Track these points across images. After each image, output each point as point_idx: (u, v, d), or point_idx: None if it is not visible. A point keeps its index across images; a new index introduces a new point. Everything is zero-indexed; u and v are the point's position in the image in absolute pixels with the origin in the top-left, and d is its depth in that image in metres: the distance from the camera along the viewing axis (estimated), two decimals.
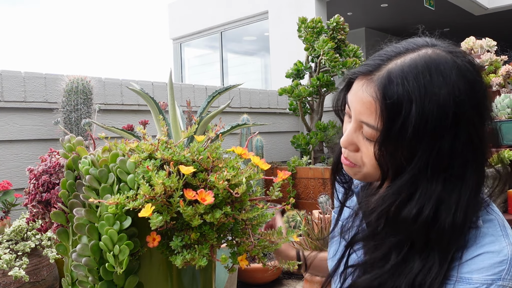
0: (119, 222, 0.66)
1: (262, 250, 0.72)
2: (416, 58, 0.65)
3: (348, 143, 0.72)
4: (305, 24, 3.12)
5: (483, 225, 0.68)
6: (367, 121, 0.67)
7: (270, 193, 0.71)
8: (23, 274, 1.34)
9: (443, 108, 0.62)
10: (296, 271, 1.56)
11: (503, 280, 0.64)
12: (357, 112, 0.69)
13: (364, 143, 0.70)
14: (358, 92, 0.68)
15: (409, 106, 0.62)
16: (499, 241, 0.66)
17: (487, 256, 0.65)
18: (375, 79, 0.66)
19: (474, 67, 0.67)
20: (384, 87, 0.64)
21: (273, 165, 3.13)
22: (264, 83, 7.82)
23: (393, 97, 0.63)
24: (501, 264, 0.64)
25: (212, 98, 1.10)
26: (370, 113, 0.66)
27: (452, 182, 0.65)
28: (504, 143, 2.35)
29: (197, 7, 8.02)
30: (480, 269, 0.64)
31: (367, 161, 0.71)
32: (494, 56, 2.71)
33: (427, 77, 0.63)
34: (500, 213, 0.72)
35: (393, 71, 0.65)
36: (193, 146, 0.70)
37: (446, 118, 0.62)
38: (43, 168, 0.79)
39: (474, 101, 0.65)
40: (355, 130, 0.71)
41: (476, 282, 0.64)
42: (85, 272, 0.67)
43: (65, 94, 2.03)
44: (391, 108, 0.63)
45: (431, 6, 6.08)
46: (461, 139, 0.64)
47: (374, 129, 0.66)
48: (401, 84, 0.63)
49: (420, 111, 0.62)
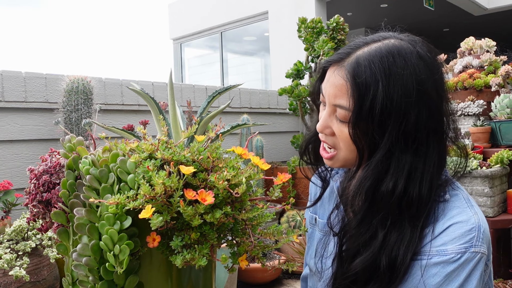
0: (120, 222, 0.66)
1: (262, 250, 0.72)
2: (381, 45, 0.74)
3: (324, 127, 0.78)
4: (305, 24, 3.12)
5: (450, 199, 0.74)
6: (339, 103, 0.74)
7: (270, 194, 0.71)
8: (23, 274, 1.34)
9: (406, 86, 0.70)
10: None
11: (475, 247, 0.68)
12: (330, 96, 0.76)
13: (339, 126, 0.76)
14: (331, 77, 0.76)
15: (376, 85, 0.70)
16: (466, 211, 0.72)
17: (456, 226, 0.70)
18: (345, 64, 0.74)
19: (431, 53, 0.76)
20: (353, 70, 0.72)
21: (273, 165, 3.13)
22: (264, 83, 7.82)
23: (362, 77, 0.71)
24: (471, 232, 0.69)
25: (212, 98, 1.10)
26: (342, 95, 0.73)
27: (419, 154, 0.72)
28: (503, 143, 2.35)
29: (197, 7, 8.02)
30: (452, 240, 0.69)
31: (342, 145, 0.76)
32: (494, 56, 2.71)
33: (390, 60, 0.71)
34: (464, 189, 0.78)
35: (361, 56, 0.73)
36: (193, 146, 0.70)
37: (410, 95, 0.70)
38: (43, 168, 0.79)
39: (432, 80, 0.73)
40: (329, 114, 0.77)
41: (451, 252, 0.68)
42: (85, 271, 0.67)
43: (65, 94, 2.03)
44: (360, 88, 0.71)
45: (431, 6, 6.08)
46: (423, 114, 0.71)
47: (346, 109, 0.73)
48: (368, 66, 0.71)
49: (386, 89, 0.69)
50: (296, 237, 0.75)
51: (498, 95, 2.47)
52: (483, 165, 2.13)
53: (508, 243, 2.25)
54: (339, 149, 0.78)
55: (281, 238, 0.73)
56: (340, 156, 0.79)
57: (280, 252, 2.48)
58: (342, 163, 0.80)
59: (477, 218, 0.71)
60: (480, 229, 0.70)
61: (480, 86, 2.56)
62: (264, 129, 3.33)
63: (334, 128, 0.77)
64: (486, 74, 2.64)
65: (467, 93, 2.59)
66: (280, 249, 2.51)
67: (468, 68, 2.77)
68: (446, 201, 0.74)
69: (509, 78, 2.48)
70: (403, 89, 0.70)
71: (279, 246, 0.74)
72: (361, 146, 0.74)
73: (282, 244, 0.75)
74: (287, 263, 0.75)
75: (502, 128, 2.33)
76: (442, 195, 0.74)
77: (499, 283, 1.95)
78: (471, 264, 0.68)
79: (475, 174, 2.07)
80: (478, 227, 0.70)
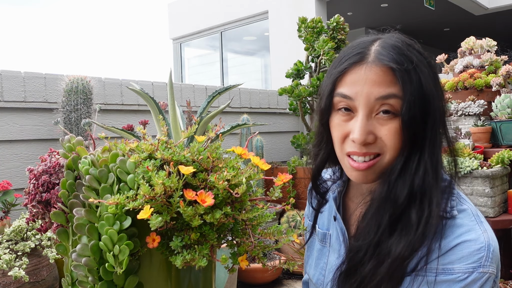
0: (119, 222, 0.65)
1: (262, 250, 0.71)
2: (388, 36, 0.75)
3: (367, 133, 0.71)
4: (305, 24, 3.12)
5: (457, 215, 0.71)
6: (390, 92, 0.69)
7: (270, 194, 0.71)
8: (23, 274, 1.34)
9: (431, 68, 0.72)
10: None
11: (484, 267, 0.66)
12: (371, 92, 0.70)
13: (383, 123, 0.71)
14: (364, 74, 0.71)
15: (413, 70, 0.69)
16: (475, 229, 0.69)
17: (465, 245, 0.67)
18: (370, 60, 0.71)
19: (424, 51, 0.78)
20: (391, 61, 0.69)
21: (273, 165, 3.12)
22: (264, 83, 7.82)
23: (401, 67, 0.69)
24: (480, 252, 0.67)
25: (212, 98, 1.10)
26: (389, 84, 0.70)
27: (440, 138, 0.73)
28: (504, 143, 2.35)
29: (197, 7, 8.02)
30: (460, 259, 0.67)
31: (389, 145, 0.71)
32: (494, 56, 2.71)
33: (408, 46, 0.72)
34: (471, 203, 0.75)
35: (383, 47, 0.72)
36: (193, 146, 0.69)
37: (433, 76, 0.72)
38: (43, 168, 0.79)
39: (434, 71, 0.75)
40: (367, 117, 0.71)
41: (458, 271, 0.66)
42: (85, 272, 0.67)
43: (65, 94, 2.03)
44: (405, 73, 0.69)
45: (431, 6, 6.07)
46: (442, 99, 0.73)
47: (398, 97, 0.69)
48: (401, 55, 0.70)
49: (422, 71, 0.70)
50: (296, 237, 0.75)
51: (498, 95, 2.47)
52: (483, 165, 2.12)
53: (508, 243, 2.25)
54: (385, 153, 0.72)
55: (281, 238, 0.72)
56: (385, 160, 0.72)
57: (280, 252, 2.48)
58: (382, 169, 0.73)
59: (487, 236, 0.68)
60: (490, 248, 0.67)
61: (481, 86, 2.56)
62: (264, 129, 3.32)
63: (377, 130, 0.71)
64: (487, 74, 2.64)
65: (467, 93, 2.59)
66: (280, 249, 2.51)
67: (469, 68, 2.76)
68: (453, 217, 0.71)
69: (509, 78, 2.47)
70: (429, 71, 0.71)
71: (279, 246, 0.73)
72: (410, 137, 0.70)
73: (282, 244, 0.74)
74: (287, 263, 0.75)
75: (502, 128, 2.32)
76: (449, 211, 0.71)
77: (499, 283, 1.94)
78: (478, 284, 0.66)
79: (476, 174, 2.07)
80: (488, 246, 0.67)
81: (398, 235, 0.69)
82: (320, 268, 0.87)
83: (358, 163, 0.73)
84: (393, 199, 0.70)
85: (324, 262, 0.87)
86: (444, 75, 2.99)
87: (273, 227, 0.72)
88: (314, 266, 0.90)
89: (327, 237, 0.88)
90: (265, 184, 2.56)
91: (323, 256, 0.88)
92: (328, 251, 0.87)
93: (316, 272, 0.88)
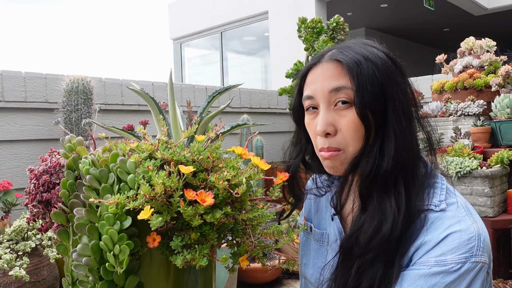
0: (120, 222, 0.66)
1: (262, 250, 0.72)
2: (347, 41, 0.83)
3: (327, 124, 0.76)
4: (305, 24, 3.12)
5: (447, 208, 0.72)
6: (339, 84, 0.75)
7: (270, 194, 0.71)
8: (23, 274, 1.34)
9: (384, 60, 0.76)
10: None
11: (475, 257, 0.67)
12: (325, 87, 0.77)
13: (342, 114, 0.76)
14: (318, 73, 0.78)
15: (364, 61, 0.75)
16: (464, 220, 0.70)
17: (455, 235, 0.68)
18: (324, 60, 0.79)
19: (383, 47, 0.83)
20: (339, 55, 0.77)
21: (273, 165, 3.13)
22: (264, 83, 7.82)
23: (348, 59, 0.75)
24: (470, 241, 0.68)
25: (212, 98, 1.10)
26: (338, 77, 0.76)
27: (411, 120, 0.77)
28: (503, 143, 2.35)
29: (197, 7, 8.02)
30: (451, 250, 0.67)
31: (349, 135, 0.75)
32: (494, 56, 2.71)
33: (363, 44, 0.79)
34: (461, 196, 0.77)
35: (336, 48, 0.80)
36: (193, 146, 0.70)
37: (390, 65, 0.76)
38: (43, 168, 0.79)
39: (395, 63, 0.79)
40: (327, 109, 0.77)
41: (451, 262, 0.67)
42: (85, 271, 0.67)
43: (65, 94, 2.03)
44: (352, 66, 0.74)
45: (431, 6, 6.08)
46: (400, 86, 0.76)
47: (348, 88, 0.75)
48: (350, 50, 0.77)
49: (373, 62, 0.75)
50: (296, 237, 0.75)
51: (498, 95, 2.47)
52: (483, 165, 2.13)
53: (508, 243, 2.25)
54: (347, 145, 0.76)
55: (281, 238, 0.73)
56: (349, 152, 0.76)
57: (280, 252, 2.48)
58: (349, 160, 0.77)
59: (477, 226, 0.69)
60: (480, 238, 0.68)
61: (480, 86, 2.56)
62: (264, 129, 3.33)
63: (337, 120, 0.76)
64: (486, 74, 2.64)
65: (467, 93, 2.59)
66: (280, 249, 2.51)
67: (468, 68, 2.76)
68: (443, 210, 0.72)
69: (509, 78, 2.48)
70: (386, 63, 0.76)
71: (280, 246, 0.74)
72: (369, 124, 0.74)
73: (282, 244, 0.74)
74: (287, 263, 0.75)
75: (502, 128, 2.33)
76: (437, 204, 0.72)
77: (499, 283, 1.94)
78: (472, 274, 0.66)
79: (475, 174, 2.07)
80: (478, 236, 0.68)
81: (370, 216, 0.73)
82: (318, 267, 0.87)
83: (327, 151, 0.79)
84: (366, 186, 0.74)
85: (321, 262, 0.87)
86: (444, 75, 3.00)
87: (273, 227, 0.73)
88: (312, 266, 0.90)
89: (325, 237, 0.89)
90: (265, 184, 2.56)
91: (320, 255, 0.88)
92: (326, 250, 0.87)
93: (314, 272, 0.88)
